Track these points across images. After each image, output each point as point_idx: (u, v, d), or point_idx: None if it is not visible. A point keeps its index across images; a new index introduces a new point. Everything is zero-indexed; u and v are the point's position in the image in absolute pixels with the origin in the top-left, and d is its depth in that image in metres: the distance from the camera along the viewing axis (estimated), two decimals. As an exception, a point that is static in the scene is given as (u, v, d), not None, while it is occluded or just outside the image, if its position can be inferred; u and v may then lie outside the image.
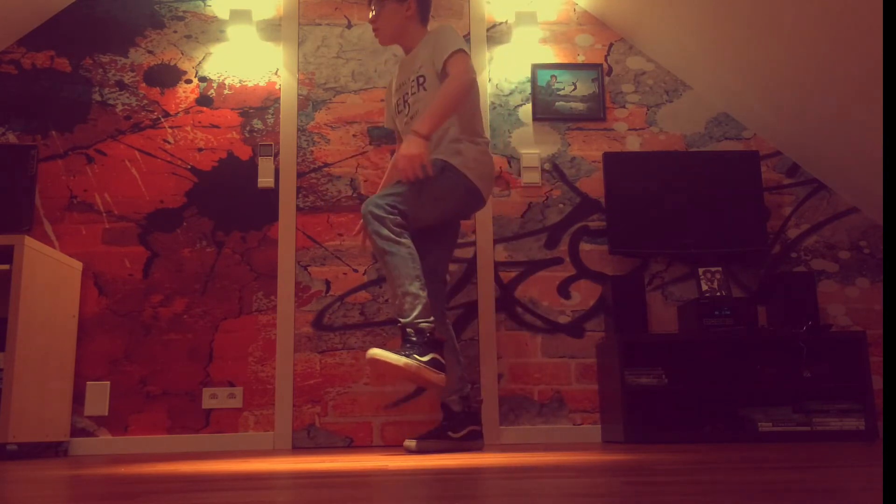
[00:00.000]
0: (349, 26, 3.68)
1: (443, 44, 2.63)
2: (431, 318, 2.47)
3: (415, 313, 2.43)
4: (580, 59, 3.68)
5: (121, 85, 3.56)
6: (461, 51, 2.61)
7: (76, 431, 3.23)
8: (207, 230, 3.45)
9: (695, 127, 3.63)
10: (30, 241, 2.87)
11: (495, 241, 3.49)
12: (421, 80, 2.69)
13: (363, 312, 3.41)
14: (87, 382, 3.27)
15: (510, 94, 3.63)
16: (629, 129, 3.62)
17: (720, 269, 3.34)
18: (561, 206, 3.54)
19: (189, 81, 3.58)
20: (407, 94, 2.76)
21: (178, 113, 3.55)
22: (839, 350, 3.14)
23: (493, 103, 3.61)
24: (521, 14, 3.59)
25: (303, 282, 3.42)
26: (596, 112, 3.62)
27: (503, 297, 3.43)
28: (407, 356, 2.37)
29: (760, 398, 3.16)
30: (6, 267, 2.83)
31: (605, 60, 3.68)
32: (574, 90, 3.63)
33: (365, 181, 3.53)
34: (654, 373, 3.09)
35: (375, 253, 2.54)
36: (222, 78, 3.59)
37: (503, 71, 3.65)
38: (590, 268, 3.48)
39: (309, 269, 3.44)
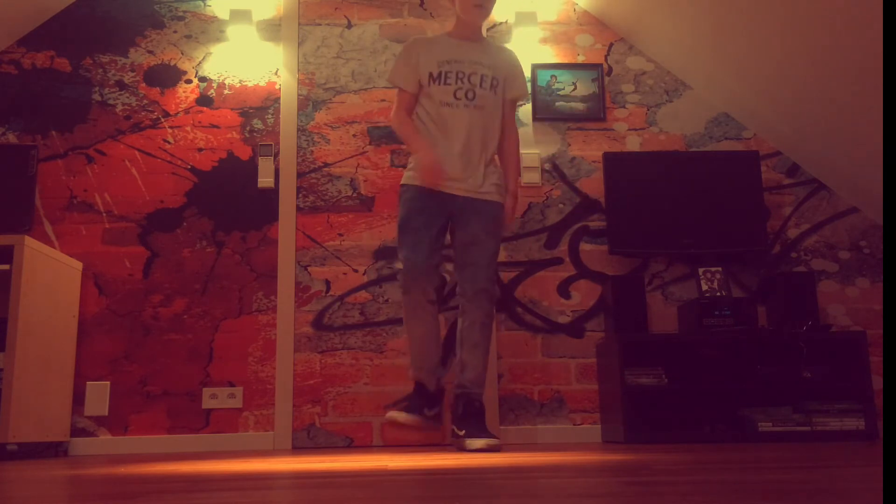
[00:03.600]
0: (349, 26, 3.68)
1: (524, 82, 2.91)
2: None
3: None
4: (580, 59, 3.68)
5: (121, 85, 3.56)
6: None
7: (76, 431, 3.23)
8: (207, 230, 3.45)
9: (695, 127, 3.63)
10: (30, 241, 2.87)
11: (495, 241, 3.48)
12: (495, 82, 2.83)
13: (363, 312, 3.41)
14: (87, 382, 3.27)
15: (510, 94, 3.62)
16: (629, 129, 3.62)
17: (720, 269, 3.34)
18: (561, 206, 3.54)
19: (189, 81, 3.58)
20: (467, 76, 2.79)
21: (178, 113, 3.55)
22: (839, 350, 3.14)
23: (493, 103, 3.60)
24: (521, 14, 3.59)
25: (303, 282, 3.42)
26: (596, 112, 3.62)
27: (503, 297, 3.43)
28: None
29: (760, 398, 3.16)
30: (6, 267, 2.83)
31: (605, 60, 3.68)
32: (574, 90, 3.63)
33: (365, 181, 3.52)
34: (654, 373, 3.09)
35: (483, 331, 2.72)
36: (222, 78, 3.59)
37: (503, 71, 3.64)
38: (590, 268, 3.48)
39: (309, 269, 3.44)
